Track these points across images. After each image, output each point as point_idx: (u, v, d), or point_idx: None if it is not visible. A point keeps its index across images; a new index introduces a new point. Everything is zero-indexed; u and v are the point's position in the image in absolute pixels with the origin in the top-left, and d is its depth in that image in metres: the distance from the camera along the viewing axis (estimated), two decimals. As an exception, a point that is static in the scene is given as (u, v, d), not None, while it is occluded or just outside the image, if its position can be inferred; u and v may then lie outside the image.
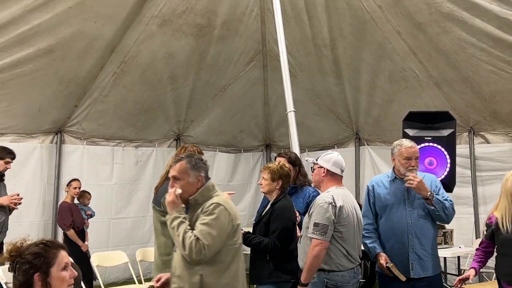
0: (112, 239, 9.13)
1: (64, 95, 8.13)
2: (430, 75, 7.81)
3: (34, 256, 2.61)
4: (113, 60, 8.03)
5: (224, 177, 10.61)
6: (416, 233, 4.58)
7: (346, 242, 4.21)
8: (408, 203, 4.64)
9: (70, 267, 2.72)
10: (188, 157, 3.73)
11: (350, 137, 9.91)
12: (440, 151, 6.22)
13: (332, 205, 4.13)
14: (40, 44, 7.10)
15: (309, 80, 9.18)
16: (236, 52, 8.90)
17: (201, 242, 3.41)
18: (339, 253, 4.19)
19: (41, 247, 2.65)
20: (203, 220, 3.53)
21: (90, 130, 8.94)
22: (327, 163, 4.36)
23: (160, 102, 9.13)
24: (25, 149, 8.33)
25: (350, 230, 4.24)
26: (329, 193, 4.25)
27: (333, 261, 4.17)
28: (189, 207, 3.70)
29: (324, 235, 4.09)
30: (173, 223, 3.57)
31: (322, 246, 4.09)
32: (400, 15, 7.26)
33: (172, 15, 7.74)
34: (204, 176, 3.72)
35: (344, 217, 4.18)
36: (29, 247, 2.65)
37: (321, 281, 4.18)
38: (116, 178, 9.32)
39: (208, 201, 3.61)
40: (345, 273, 4.20)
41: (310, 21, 8.01)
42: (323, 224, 4.09)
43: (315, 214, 4.17)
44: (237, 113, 10.17)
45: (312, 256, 4.10)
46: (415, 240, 4.57)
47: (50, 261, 2.63)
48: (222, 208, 3.57)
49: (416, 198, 4.61)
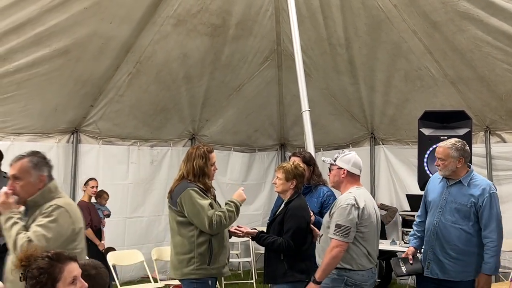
0: (127, 238, 9.19)
1: (80, 95, 8.20)
2: (446, 74, 7.76)
3: (39, 271, 2.51)
4: (129, 60, 8.08)
5: (238, 176, 10.63)
6: (438, 235, 4.59)
7: (367, 242, 4.23)
8: (442, 204, 4.64)
9: (80, 279, 2.60)
10: (30, 155, 3.50)
11: (365, 137, 9.88)
12: (456, 150, 6.17)
13: (355, 207, 4.14)
14: (56, 44, 7.16)
15: (324, 80, 9.17)
16: (250, 52, 8.91)
17: (33, 244, 3.14)
18: (360, 253, 4.21)
19: (46, 262, 2.53)
20: (40, 222, 3.32)
21: (105, 129, 9.00)
22: (347, 164, 4.36)
23: (175, 102, 9.17)
24: (42, 149, 8.20)
25: (371, 230, 4.27)
26: (351, 194, 4.24)
27: (354, 261, 4.19)
28: (28, 208, 3.48)
29: (346, 236, 4.10)
30: (6, 224, 3.34)
31: (342, 247, 4.11)
32: (415, 14, 7.22)
33: (187, 15, 7.77)
34: (47, 175, 3.53)
35: (366, 218, 4.20)
36: (37, 259, 2.55)
37: (341, 278, 4.20)
38: (132, 178, 9.38)
39: (48, 202, 3.40)
40: (365, 273, 4.23)
41: (325, 20, 7.99)
42: (346, 226, 4.10)
43: (337, 215, 4.17)
44: (251, 113, 10.18)
45: (331, 257, 4.11)
46: (436, 241, 4.59)
47: (55, 277, 2.52)
48: (63, 210, 3.39)
49: (449, 201, 4.59)
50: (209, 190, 4.60)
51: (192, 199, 4.39)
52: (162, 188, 9.38)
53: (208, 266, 4.43)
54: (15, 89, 7.40)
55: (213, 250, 4.44)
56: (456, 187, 4.61)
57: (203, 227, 4.37)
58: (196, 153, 4.57)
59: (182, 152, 9.80)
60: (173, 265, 4.58)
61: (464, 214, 4.52)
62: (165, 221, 9.29)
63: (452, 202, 4.57)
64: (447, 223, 4.56)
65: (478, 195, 4.49)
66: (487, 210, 4.45)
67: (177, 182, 4.59)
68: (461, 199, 4.54)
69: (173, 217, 4.58)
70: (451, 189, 4.62)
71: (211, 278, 4.49)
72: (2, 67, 7.03)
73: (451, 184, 4.63)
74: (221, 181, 9.89)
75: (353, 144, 9.95)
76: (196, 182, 4.51)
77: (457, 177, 4.61)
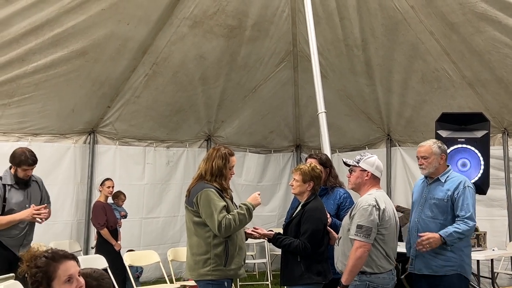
0: (143, 239, 9.23)
1: (97, 96, 8.25)
2: (464, 75, 7.71)
3: (36, 271, 2.57)
4: (145, 62, 8.12)
5: (254, 177, 10.64)
6: (419, 230, 4.81)
7: (386, 244, 4.24)
8: (422, 202, 4.91)
9: (76, 277, 2.63)
10: None
11: (381, 138, 9.83)
12: (473, 152, 6.14)
13: (376, 208, 4.16)
14: (74, 45, 7.21)
15: (340, 81, 9.15)
16: (266, 53, 8.92)
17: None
18: (380, 255, 4.21)
19: (42, 261, 2.59)
20: None
21: (122, 130, 9.05)
22: (371, 167, 4.37)
23: (191, 103, 9.20)
24: (59, 149, 8.48)
25: (391, 232, 4.28)
26: (372, 196, 4.25)
27: (374, 263, 4.19)
28: None
29: (367, 237, 4.11)
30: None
31: (366, 248, 4.11)
32: (433, 15, 7.18)
33: (203, 16, 7.79)
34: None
35: (387, 219, 4.22)
36: (36, 258, 2.60)
37: (363, 283, 4.19)
38: (148, 178, 9.42)
39: None
40: (385, 275, 4.24)
41: (342, 22, 7.98)
42: (367, 226, 4.11)
43: (358, 216, 4.18)
44: (267, 114, 10.18)
45: (356, 258, 4.11)
46: (418, 237, 4.76)
47: (50, 276, 2.57)
48: None
49: (428, 199, 4.85)
50: (226, 191, 4.61)
51: (208, 200, 4.40)
52: (178, 188, 9.42)
53: (224, 267, 4.44)
54: (33, 90, 7.47)
55: (229, 251, 4.45)
56: (434, 184, 4.89)
57: (214, 230, 4.38)
58: (217, 154, 4.59)
59: (198, 153, 9.84)
60: (189, 265, 4.59)
61: (442, 209, 4.77)
62: (181, 222, 9.33)
63: (430, 199, 4.83)
64: (426, 219, 4.82)
65: (454, 188, 4.75)
66: (461, 200, 4.69)
67: (195, 181, 4.61)
68: (438, 194, 4.81)
69: (189, 217, 4.59)
70: (430, 187, 4.90)
71: (227, 280, 4.49)
72: (20, 68, 7.10)
73: (431, 182, 4.90)
74: (237, 182, 9.90)
75: (369, 145, 9.92)
76: (213, 182, 4.52)
77: (437, 175, 4.88)
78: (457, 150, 6.11)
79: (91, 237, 8.69)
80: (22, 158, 5.51)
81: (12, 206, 5.53)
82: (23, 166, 5.54)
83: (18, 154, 5.55)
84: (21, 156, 5.52)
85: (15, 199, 5.57)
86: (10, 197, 5.55)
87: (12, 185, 5.58)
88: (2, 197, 5.49)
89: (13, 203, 5.54)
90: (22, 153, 5.54)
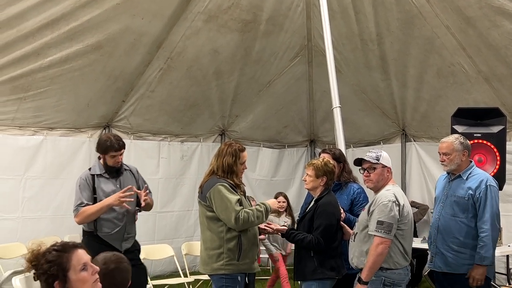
0: (157, 233, 9.26)
1: (112, 90, 8.28)
2: (480, 70, 7.63)
3: (48, 265, 2.56)
4: (160, 56, 8.13)
5: (267, 172, 10.62)
6: (440, 228, 4.80)
7: (404, 240, 4.24)
8: (443, 199, 4.86)
9: (90, 264, 2.66)
10: None
11: (396, 133, 9.77)
12: (489, 148, 6.09)
13: (395, 204, 4.15)
14: (89, 40, 7.24)
15: (355, 75, 9.10)
16: (281, 48, 8.89)
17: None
18: (397, 251, 4.21)
19: (53, 255, 2.60)
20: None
21: (137, 125, 9.08)
22: (389, 163, 4.37)
23: (205, 97, 9.20)
24: (74, 144, 8.51)
25: (409, 228, 4.29)
26: (390, 191, 4.24)
27: (392, 259, 4.19)
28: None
29: (388, 233, 4.10)
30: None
31: (386, 244, 4.11)
32: (449, 10, 7.11)
33: (218, 10, 7.78)
34: None
35: (405, 215, 4.22)
36: (44, 254, 2.60)
37: (379, 279, 4.19)
38: (162, 173, 9.44)
39: None
40: (401, 271, 4.24)
41: (357, 16, 7.93)
42: (388, 222, 4.10)
43: (378, 212, 4.16)
44: (281, 109, 10.16)
45: (377, 254, 4.10)
46: (439, 235, 4.80)
47: (65, 267, 2.58)
48: None
49: (449, 195, 4.80)
50: (239, 187, 4.61)
51: (221, 194, 4.41)
52: (192, 183, 9.43)
53: (238, 262, 4.46)
54: (49, 84, 7.51)
55: (242, 246, 4.46)
56: (456, 181, 4.83)
57: (229, 222, 4.38)
58: (227, 150, 4.59)
59: (212, 147, 9.84)
60: (203, 260, 4.61)
61: (463, 207, 4.71)
62: (195, 216, 9.34)
63: (451, 196, 4.78)
64: (447, 216, 4.78)
65: (475, 187, 4.69)
66: (482, 201, 4.63)
67: (207, 177, 4.63)
68: (459, 192, 4.75)
69: (202, 212, 4.61)
70: (452, 183, 4.84)
71: (240, 274, 4.51)
72: (36, 62, 7.14)
73: (453, 178, 4.85)
74: (250, 177, 9.90)
75: (384, 140, 9.86)
76: (226, 178, 4.53)
77: (459, 171, 4.82)
78: (473, 145, 6.04)
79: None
80: (108, 144, 5.15)
81: (102, 196, 5.17)
82: (110, 152, 5.16)
83: (103, 141, 5.22)
84: (107, 142, 5.16)
85: (105, 189, 5.21)
86: (100, 187, 5.20)
87: (101, 175, 5.24)
88: (91, 187, 5.18)
89: (104, 193, 5.19)
90: (107, 139, 5.19)
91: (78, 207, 5.10)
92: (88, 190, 5.15)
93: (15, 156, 7.92)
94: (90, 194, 5.15)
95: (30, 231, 7.63)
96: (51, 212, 8.14)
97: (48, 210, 8.14)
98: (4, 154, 7.83)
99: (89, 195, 5.14)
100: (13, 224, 7.81)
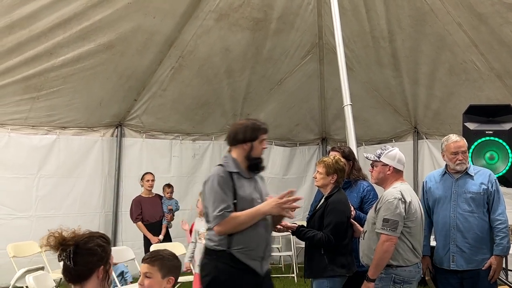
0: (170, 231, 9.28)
1: (124, 89, 8.33)
2: (492, 67, 7.58)
3: (101, 248, 2.71)
4: (171, 55, 8.16)
5: (279, 170, 10.62)
6: (458, 226, 4.73)
7: (413, 237, 4.23)
8: (454, 197, 4.79)
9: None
10: None
11: (408, 131, 9.74)
12: (501, 145, 6.03)
13: (401, 201, 4.14)
14: (101, 39, 7.30)
15: (366, 73, 9.07)
16: (292, 46, 8.89)
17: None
18: (407, 248, 4.20)
19: (103, 240, 2.76)
20: None
21: (149, 123, 9.13)
22: (393, 161, 4.35)
23: (217, 96, 9.23)
24: (87, 142, 8.58)
25: (417, 225, 4.27)
26: (397, 189, 4.23)
27: (401, 256, 4.18)
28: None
29: (394, 231, 4.10)
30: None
31: (392, 241, 4.11)
32: (460, 6, 7.07)
33: (229, 9, 7.80)
34: None
35: (413, 212, 4.20)
36: (90, 239, 2.73)
37: (389, 276, 4.18)
38: (174, 171, 9.49)
39: None
40: (411, 268, 4.22)
41: (368, 13, 7.91)
42: (394, 220, 4.10)
43: (384, 209, 4.16)
44: (293, 107, 10.16)
45: (382, 252, 4.10)
46: (458, 233, 4.72)
47: (109, 254, 2.76)
48: None
49: (462, 192, 4.75)
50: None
51: None
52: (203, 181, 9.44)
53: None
54: (61, 83, 7.58)
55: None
56: (463, 179, 4.80)
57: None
58: None
59: (223, 146, 9.82)
60: None
61: (478, 202, 4.71)
62: (206, 214, 9.35)
63: (465, 193, 4.75)
64: (465, 213, 4.73)
65: (487, 181, 4.74)
66: (496, 195, 4.70)
67: None
68: (472, 188, 4.74)
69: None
70: (460, 181, 4.80)
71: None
72: (48, 62, 7.21)
73: (459, 176, 4.81)
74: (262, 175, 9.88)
75: (395, 138, 9.83)
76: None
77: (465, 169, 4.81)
78: (485, 142, 6.01)
79: (119, 229, 8.83)
80: (258, 125, 3.97)
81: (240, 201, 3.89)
82: (262, 135, 3.95)
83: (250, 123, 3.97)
84: (255, 123, 3.98)
85: (247, 191, 3.95)
86: (242, 189, 3.95)
87: (239, 174, 3.99)
88: (232, 189, 3.91)
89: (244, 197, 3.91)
90: (249, 123, 3.99)
91: (224, 212, 3.80)
92: (230, 191, 3.90)
93: (28, 155, 8.01)
94: (232, 197, 3.90)
95: (43, 230, 7.55)
96: (64, 210, 8.23)
97: (61, 208, 8.22)
98: (17, 153, 7.92)
99: (232, 197, 3.89)
100: (26, 222, 7.90)
